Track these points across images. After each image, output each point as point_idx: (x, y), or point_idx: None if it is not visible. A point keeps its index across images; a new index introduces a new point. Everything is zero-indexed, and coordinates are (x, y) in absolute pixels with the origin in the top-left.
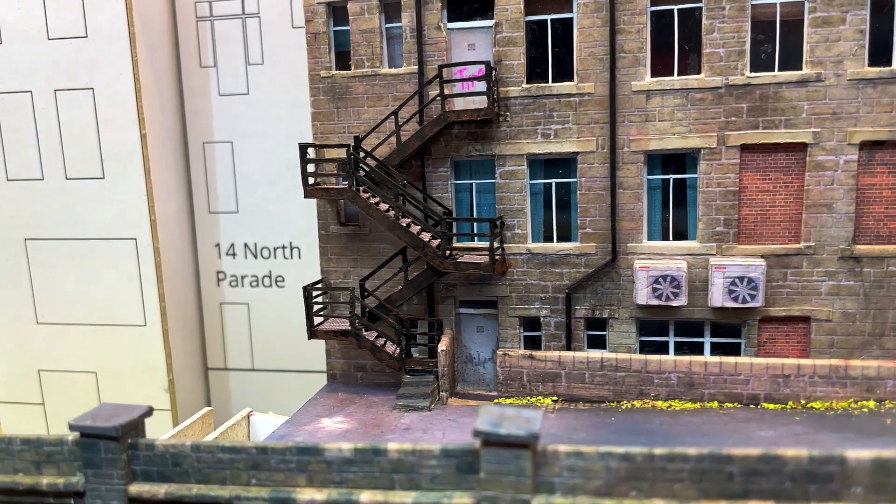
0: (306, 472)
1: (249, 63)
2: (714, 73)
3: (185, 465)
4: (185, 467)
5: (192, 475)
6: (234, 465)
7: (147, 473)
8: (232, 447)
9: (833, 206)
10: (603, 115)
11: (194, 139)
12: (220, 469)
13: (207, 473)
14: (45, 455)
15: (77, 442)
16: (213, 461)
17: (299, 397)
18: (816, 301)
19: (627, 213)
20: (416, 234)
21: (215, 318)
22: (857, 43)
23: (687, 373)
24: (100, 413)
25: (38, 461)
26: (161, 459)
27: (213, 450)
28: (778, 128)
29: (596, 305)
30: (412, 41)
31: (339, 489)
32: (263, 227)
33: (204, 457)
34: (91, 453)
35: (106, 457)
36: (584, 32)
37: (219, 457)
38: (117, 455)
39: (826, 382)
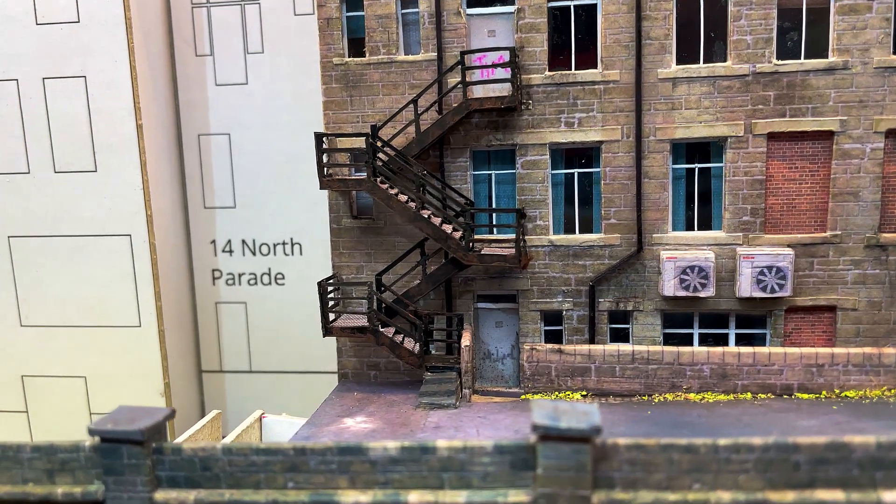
0: (348, 472)
1: (248, 52)
2: (741, 60)
3: (215, 470)
4: (216, 471)
5: (223, 480)
6: (269, 467)
7: (173, 479)
8: (267, 449)
9: (859, 195)
10: (628, 104)
11: (189, 131)
12: (253, 472)
13: (240, 477)
14: (59, 463)
15: (96, 447)
16: (246, 464)
17: (302, 400)
18: (842, 290)
19: (653, 203)
20: (439, 226)
21: (210, 319)
22: (883, 31)
23: (720, 364)
24: (119, 416)
25: (51, 469)
26: (189, 464)
27: (246, 452)
28: (805, 116)
29: (620, 298)
30: (430, 27)
31: (385, 490)
32: (262, 223)
33: (236, 460)
34: (112, 459)
35: (129, 462)
36: (609, 19)
37: (253, 459)
38: (142, 460)
39: (860, 371)
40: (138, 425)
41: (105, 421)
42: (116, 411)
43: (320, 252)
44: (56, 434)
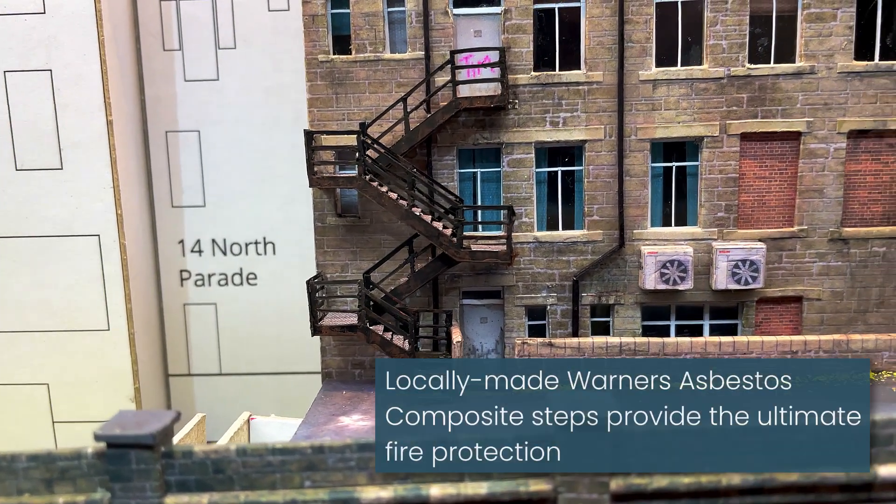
0: (367, 469)
1: (220, 47)
2: (717, 64)
3: (228, 472)
4: (229, 473)
5: (236, 482)
6: (285, 467)
7: (183, 483)
8: (283, 448)
9: (824, 192)
10: (611, 104)
11: (155, 127)
12: (269, 473)
13: (255, 479)
14: (59, 471)
15: (101, 454)
16: (261, 465)
17: (275, 401)
18: (808, 281)
19: (634, 200)
20: (430, 224)
21: (178, 321)
22: (846, 38)
23: (702, 353)
24: (125, 421)
25: (50, 479)
26: (200, 467)
27: (262, 452)
28: (775, 117)
29: (602, 292)
30: (418, 26)
31: (405, 484)
32: (234, 222)
33: (251, 461)
34: (120, 465)
35: (138, 468)
36: (592, 22)
37: (269, 459)
38: (151, 465)
39: (830, 356)
40: (148, 429)
41: (111, 426)
42: (119, 416)
43: (295, 251)
44: (16, 445)
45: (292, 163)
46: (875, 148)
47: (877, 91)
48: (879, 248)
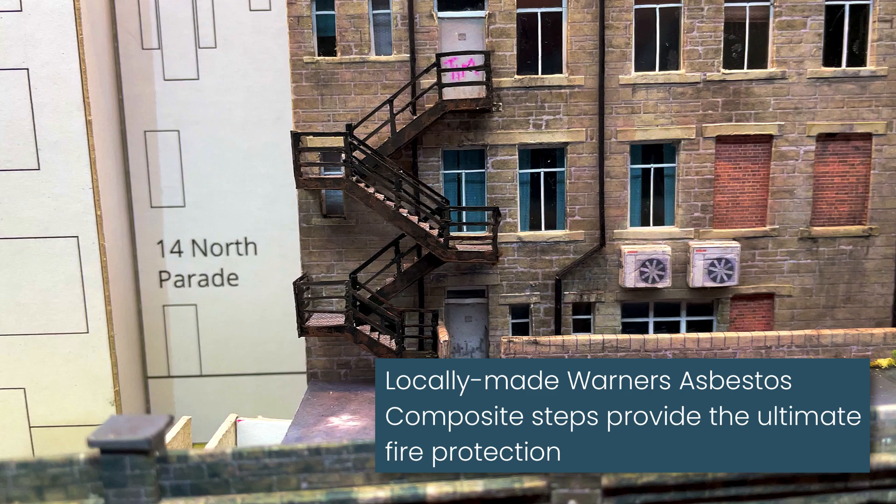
0: (364, 469)
1: (200, 46)
2: (693, 69)
3: (224, 475)
4: (225, 477)
5: (232, 485)
6: (282, 469)
7: (178, 488)
8: (280, 450)
9: (794, 192)
10: (592, 107)
11: (134, 127)
12: (265, 475)
13: (251, 481)
14: (50, 478)
15: (94, 460)
16: (258, 467)
17: (257, 402)
18: (779, 278)
19: (614, 200)
20: (417, 225)
21: (157, 322)
22: (815, 45)
23: (681, 349)
24: (118, 426)
25: (40, 486)
26: (196, 471)
27: (258, 455)
28: (748, 121)
29: (584, 290)
30: (403, 29)
31: (402, 484)
32: (214, 222)
33: (247, 464)
34: (114, 471)
35: (132, 473)
36: (574, 27)
37: (265, 462)
38: (146, 470)
39: (802, 351)
40: (143, 434)
41: (104, 432)
42: (111, 421)
43: (276, 251)
44: None
45: (274, 163)
46: (842, 150)
47: (844, 96)
48: (846, 247)
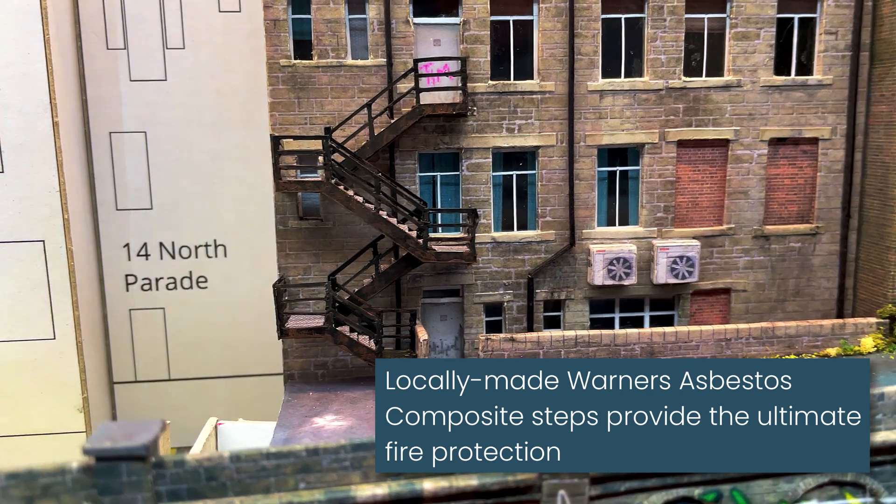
0: (361, 468)
1: (168, 47)
2: (656, 76)
3: (221, 479)
4: (223, 480)
5: (230, 488)
6: (279, 470)
7: (175, 493)
8: (278, 452)
9: (748, 193)
10: (562, 112)
11: (98, 128)
12: (263, 477)
13: (249, 484)
14: (41, 488)
15: (88, 468)
16: (256, 470)
17: (227, 405)
18: (735, 274)
19: (583, 202)
20: (397, 226)
21: (123, 327)
22: (767, 55)
23: (649, 343)
24: (112, 433)
25: (31, 496)
26: (192, 475)
27: (256, 457)
28: (707, 126)
29: (554, 288)
30: (380, 34)
31: (398, 481)
32: (183, 224)
33: (245, 466)
34: (109, 478)
35: (129, 480)
36: (545, 34)
37: (263, 464)
38: (142, 476)
39: (758, 342)
40: (140, 440)
41: (99, 439)
42: (104, 428)
43: (246, 253)
44: None
45: (244, 164)
46: (791, 154)
47: (793, 103)
48: (795, 244)
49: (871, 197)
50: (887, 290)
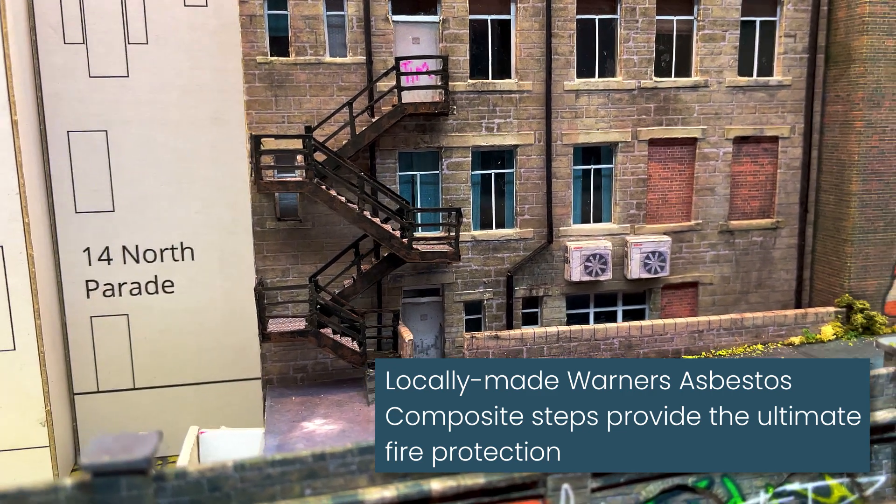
0: (368, 471)
1: (130, 42)
2: (629, 76)
3: (225, 489)
4: (227, 490)
5: (234, 498)
6: (285, 478)
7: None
8: (283, 459)
9: (715, 190)
10: (540, 111)
11: (56, 127)
12: (268, 485)
13: (253, 493)
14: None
15: (84, 484)
16: (261, 478)
17: (195, 413)
18: (703, 268)
19: (559, 200)
20: (381, 226)
21: (84, 335)
22: (732, 56)
23: (627, 337)
24: (108, 447)
25: None
26: (195, 487)
27: (261, 465)
28: (676, 125)
29: (532, 285)
30: (359, 31)
31: (406, 482)
32: (147, 227)
33: (250, 475)
34: (108, 493)
35: (129, 495)
36: (523, 34)
37: (268, 472)
38: (143, 491)
39: (728, 333)
40: (140, 453)
41: (96, 454)
42: (98, 442)
43: (215, 256)
44: None
45: (211, 164)
46: (754, 152)
47: (756, 103)
48: (758, 238)
49: (826, 192)
50: (844, 280)
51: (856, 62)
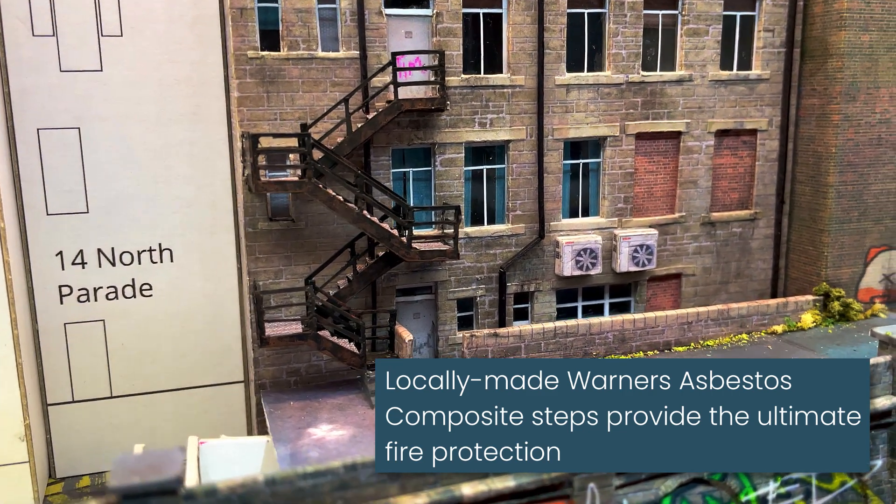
0: (398, 480)
1: (103, 34)
2: (618, 71)
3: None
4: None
5: None
6: (317, 490)
7: None
8: (315, 472)
9: (697, 183)
10: (531, 106)
11: (24, 124)
12: (299, 499)
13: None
14: None
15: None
16: (291, 492)
17: (178, 420)
18: (686, 260)
19: (550, 195)
20: (381, 226)
21: (57, 343)
22: (715, 51)
23: (620, 330)
24: (134, 467)
25: None
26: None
27: (292, 479)
28: (662, 119)
29: (524, 281)
30: (352, 25)
31: (436, 489)
32: (124, 229)
33: (281, 490)
34: None
35: None
36: (515, 28)
37: (300, 485)
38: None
39: (716, 324)
40: (171, 472)
41: (124, 475)
42: (123, 462)
43: (195, 257)
44: None
45: (191, 162)
46: (734, 145)
47: (736, 97)
48: (737, 229)
49: (802, 184)
50: (821, 269)
51: (833, 57)
